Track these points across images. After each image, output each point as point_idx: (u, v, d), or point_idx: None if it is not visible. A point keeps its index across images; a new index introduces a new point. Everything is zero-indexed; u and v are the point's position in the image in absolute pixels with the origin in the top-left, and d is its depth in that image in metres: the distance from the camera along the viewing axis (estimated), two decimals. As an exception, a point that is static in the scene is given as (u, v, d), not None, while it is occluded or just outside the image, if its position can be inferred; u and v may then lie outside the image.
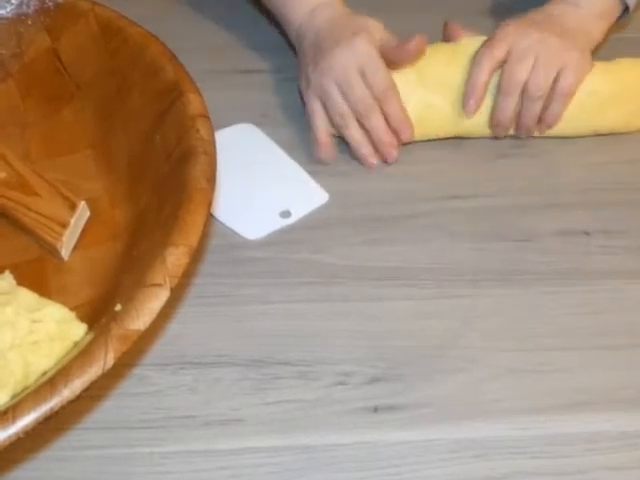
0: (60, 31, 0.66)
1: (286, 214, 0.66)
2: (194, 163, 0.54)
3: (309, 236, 0.65)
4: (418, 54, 0.69)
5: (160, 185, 0.57)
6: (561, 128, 0.71)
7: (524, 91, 0.68)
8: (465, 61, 0.70)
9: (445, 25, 0.74)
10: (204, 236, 0.62)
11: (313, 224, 0.66)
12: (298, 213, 0.66)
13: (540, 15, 0.71)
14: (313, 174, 0.69)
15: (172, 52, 0.61)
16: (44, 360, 0.49)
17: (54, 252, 0.58)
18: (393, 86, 0.69)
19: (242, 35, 0.83)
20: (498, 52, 0.68)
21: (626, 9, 0.73)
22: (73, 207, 0.60)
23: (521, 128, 0.71)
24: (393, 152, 0.69)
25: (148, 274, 0.48)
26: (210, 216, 0.64)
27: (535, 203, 0.68)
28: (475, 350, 0.58)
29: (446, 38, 0.73)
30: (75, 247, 0.59)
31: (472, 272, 0.63)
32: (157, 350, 0.57)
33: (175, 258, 0.49)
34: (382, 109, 0.69)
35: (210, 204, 0.52)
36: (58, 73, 0.67)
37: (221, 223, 0.65)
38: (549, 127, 0.71)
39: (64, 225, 0.59)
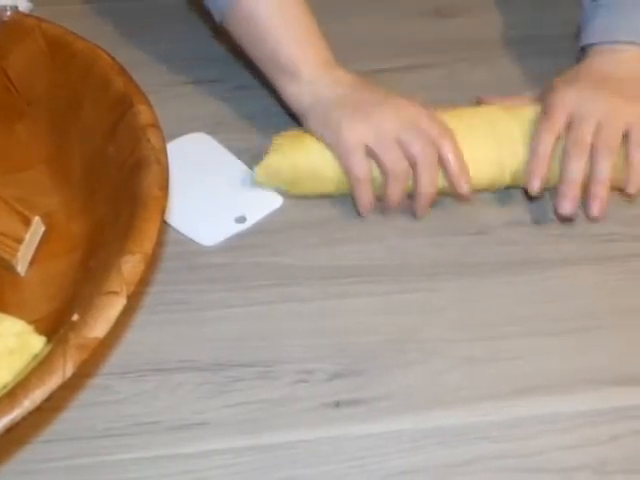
0: (7, 49, 0.66)
1: (241, 219, 0.67)
2: (147, 172, 0.55)
3: (265, 240, 0.65)
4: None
5: (114, 196, 0.58)
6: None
7: (594, 150, 0.64)
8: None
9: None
10: (159, 243, 0.62)
11: (268, 228, 0.66)
12: (253, 218, 0.67)
13: (589, 67, 0.69)
14: (267, 179, 0.70)
15: (120, 64, 0.62)
16: (4, 373, 0.49)
17: (10, 268, 0.59)
18: (445, 131, 0.65)
19: (192, 47, 0.83)
20: (558, 123, 0.65)
21: None
22: (27, 222, 0.60)
23: (596, 198, 0.64)
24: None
25: (104, 283, 0.48)
26: (165, 223, 0.65)
27: (486, 196, 0.69)
28: (434, 342, 0.59)
29: None
30: (31, 262, 0.60)
31: (428, 266, 0.64)
32: (118, 359, 0.58)
33: (131, 266, 0.49)
34: (440, 154, 0.65)
35: (164, 212, 0.53)
36: (7, 91, 0.67)
37: (177, 231, 0.66)
38: (636, 184, 0.65)
39: (19, 241, 0.59)
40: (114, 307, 0.47)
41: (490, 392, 0.56)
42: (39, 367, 0.45)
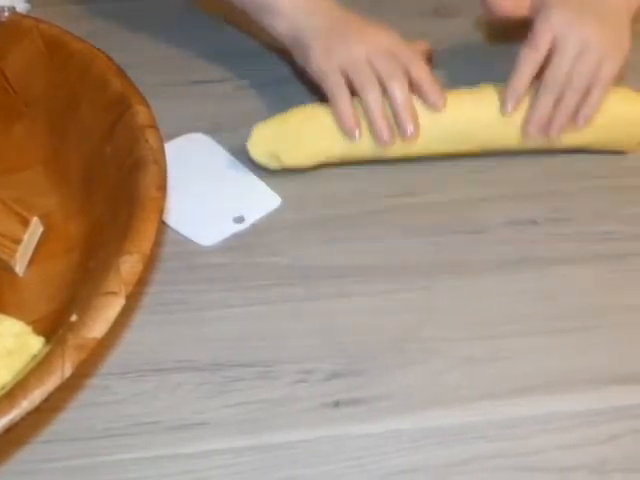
0: (5, 50, 0.66)
1: (240, 219, 0.67)
2: (145, 173, 0.55)
3: (263, 240, 0.65)
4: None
5: (113, 196, 0.58)
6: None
7: (567, 82, 0.67)
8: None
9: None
10: (158, 243, 0.62)
11: (267, 228, 0.66)
12: (251, 218, 0.67)
13: None
14: (265, 179, 0.70)
15: (118, 65, 0.62)
16: (3, 374, 0.49)
17: (8, 268, 0.59)
18: (418, 58, 0.68)
19: (191, 47, 0.83)
20: (539, 56, 0.67)
21: None
22: (26, 223, 0.60)
23: (554, 126, 0.68)
24: (409, 128, 0.67)
25: (103, 283, 0.48)
26: (163, 224, 0.65)
27: (484, 196, 0.69)
28: (432, 341, 0.59)
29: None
30: (30, 263, 0.60)
31: (427, 266, 0.64)
32: (117, 359, 0.57)
33: (129, 266, 0.49)
34: (411, 76, 0.67)
35: (162, 212, 0.53)
36: (5, 92, 0.67)
37: (175, 231, 0.66)
38: (586, 119, 0.68)
39: (17, 241, 0.59)
40: (112, 307, 0.47)
41: (489, 391, 0.56)
42: (38, 368, 0.45)
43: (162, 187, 0.54)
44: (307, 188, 0.69)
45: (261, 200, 0.68)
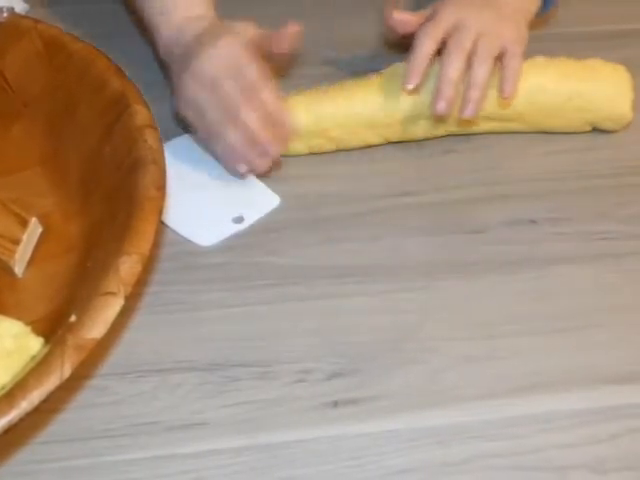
0: (3, 50, 0.66)
1: (239, 219, 0.67)
2: (144, 173, 0.55)
3: (262, 240, 0.66)
4: (294, 38, 0.65)
5: (111, 196, 0.58)
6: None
7: (472, 55, 0.66)
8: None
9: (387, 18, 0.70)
10: (156, 244, 0.62)
11: (266, 228, 0.66)
12: (250, 218, 0.67)
13: None
14: (264, 179, 0.70)
15: (117, 65, 0.62)
16: (2, 375, 0.49)
17: (7, 269, 0.59)
18: (264, 78, 0.64)
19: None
20: (439, 30, 0.66)
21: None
22: (24, 224, 0.60)
23: (467, 102, 0.65)
24: (271, 149, 0.65)
25: (102, 283, 0.48)
26: (162, 224, 0.65)
27: (483, 195, 0.69)
28: (431, 341, 0.59)
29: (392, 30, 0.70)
30: (29, 263, 0.60)
31: (425, 265, 0.64)
32: (116, 359, 0.58)
33: (128, 266, 0.49)
34: (256, 103, 0.64)
35: (161, 212, 0.53)
36: (4, 92, 0.67)
37: (174, 231, 0.66)
38: (509, 93, 0.66)
39: (16, 242, 0.59)
40: (112, 308, 0.47)
41: (488, 391, 0.56)
42: (37, 368, 0.45)
43: (161, 187, 0.54)
44: (306, 188, 0.70)
45: (260, 200, 0.68)
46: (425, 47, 0.66)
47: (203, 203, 0.68)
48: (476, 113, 0.66)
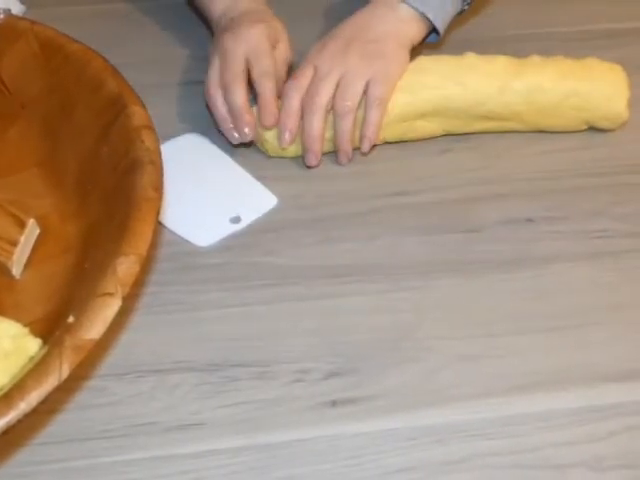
0: (0, 52, 0.66)
1: (236, 220, 0.67)
2: (141, 173, 0.55)
3: (260, 240, 0.66)
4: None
5: (109, 197, 0.58)
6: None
7: (333, 110, 0.68)
8: None
9: None
10: (154, 244, 0.62)
11: (263, 228, 0.67)
12: (248, 218, 0.67)
13: (348, 27, 0.72)
14: (261, 179, 0.70)
15: (113, 66, 0.62)
16: (0, 376, 0.49)
17: (5, 270, 0.59)
18: (270, 74, 0.69)
19: (187, 47, 0.84)
20: (304, 80, 0.69)
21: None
22: (22, 225, 0.60)
23: (340, 151, 0.70)
24: (245, 129, 0.69)
25: (100, 284, 0.48)
26: (160, 224, 0.65)
27: (480, 194, 0.69)
28: (428, 340, 0.59)
29: None
30: (27, 264, 0.60)
31: (422, 265, 0.64)
32: (114, 360, 0.58)
33: (126, 267, 0.49)
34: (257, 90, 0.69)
35: (158, 212, 0.53)
36: (1, 93, 0.67)
37: (172, 232, 0.66)
38: (370, 141, 0.69)
39: (14, 243, 0.59)
40: (110, 308, 0.47)
41: (485, 390, 0.56)
42: (35, 369, 0.45)
43: (158, 188, 0.54)
44: (303, 188, 0.70)
45: (257, 200, 0.68)
46: (291, 102, 0.69)
47: (201, 203, 0.68)
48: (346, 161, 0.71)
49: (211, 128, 0.74)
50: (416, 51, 0.73)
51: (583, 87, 0.71)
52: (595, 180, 0.71)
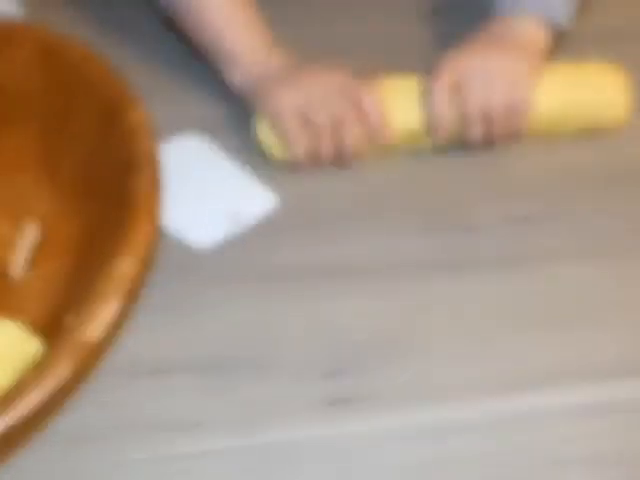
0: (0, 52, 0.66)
1: (236, 220, 0.67)
2: (140, 174, 0.55)
3: (259, 240, 0.66)
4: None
5: (107, 198, 0.58)
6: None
7: (482, 115, 0.69)
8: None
9: None
10: (153, 245, 0.62)
11: (262, 228, 0.67)
12: (247, 218, 0.67)
13: (480, 36, 0.72)
14: (261, 179, 0.70)
15: (113, 66, 0.62)
16: (0, 377, 0.49)
17: (5, 271, 0.59)
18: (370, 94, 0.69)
19: (184, 48, 0.83)
20: (447, 82, 0.69)
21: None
22: (21, 226, 0.60)
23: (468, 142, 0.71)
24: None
25: (99, 284, 0.49)
26: (159, 225, 0.65)
27: (479, 194, 0.69)
28: (425, 339, 0.59)
29: None
30: (26, 265, 0.60)
31: (420, 264, 0.64)
32: (113, 360, 0.58)
33: (125, 267, 0.50)
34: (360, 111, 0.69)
35: (157, 213, 0.53)
36: (0, 94, 0.67)
37: (171, 232, 0.66)
38: (516, 141, 0.71)
39: (13, 245, 0.59)
40: (109, 309, 0.48)
41: (484, 388, 0.57)
42: (35, 369, 0.46)
43: (157, 188, 0.54)
44: (303, 188, 0.70)
45: (257, 200, 0.68)
46: (442, 103, 0.69)
47: (200, 203, 0.68)
48: None
49: (210, 128, 0.74)
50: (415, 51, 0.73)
51: (584, 90, 0.71)
52: (595, 180, 0.71)
